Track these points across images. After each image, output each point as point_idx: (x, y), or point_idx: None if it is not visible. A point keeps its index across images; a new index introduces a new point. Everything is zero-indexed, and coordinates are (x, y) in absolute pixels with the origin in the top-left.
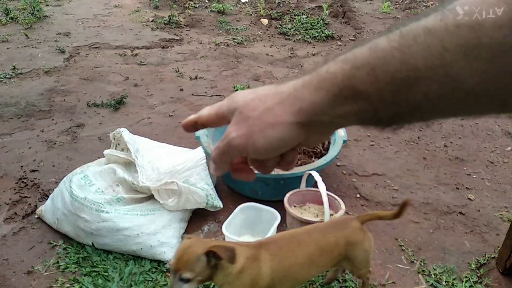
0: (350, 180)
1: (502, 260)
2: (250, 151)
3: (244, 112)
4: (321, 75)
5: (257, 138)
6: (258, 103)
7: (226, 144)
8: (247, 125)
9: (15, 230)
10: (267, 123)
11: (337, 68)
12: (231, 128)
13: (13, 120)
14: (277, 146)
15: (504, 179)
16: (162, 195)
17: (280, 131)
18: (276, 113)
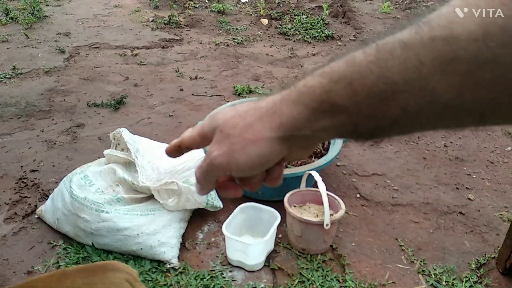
0: (350, 180)
1: (502, 260)
2: (233, 169)
3: (224, 130)
4: (299, 90)
5: (239, 155)
6: (238, 120)
7: (208, 164)
8: (228, 143)
9: (15, 230)
10: (248, 140)
11: (315, 82)
12: (213, 147)
13: (13, 120)
14: (259, 162)
15: (504, 179)
16: (162, 195)
17: (261, 147)
18: (256, 129)
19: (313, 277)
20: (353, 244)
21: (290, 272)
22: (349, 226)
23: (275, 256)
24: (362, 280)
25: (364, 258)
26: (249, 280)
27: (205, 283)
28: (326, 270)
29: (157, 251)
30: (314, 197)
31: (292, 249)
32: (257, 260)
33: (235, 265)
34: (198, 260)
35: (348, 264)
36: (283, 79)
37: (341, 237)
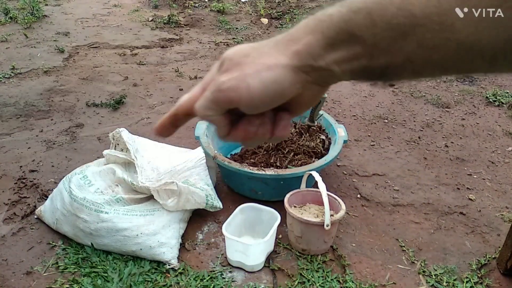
0: (350, 180)
1: (503, 260)
2: (244, 97)
3: (235, 59)
4: (317, 18)
5: (252, 80)
6: (250, 50)
7: (215, 91)
8: (239, 69)
9: (14, 231)
10: (263, 64)
11: (334, 10)
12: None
13: (12, 120)
14: (273, 91)
15: (505, 179)
16: (161, 195)
17: (276, 73)
18: (272, 55)
19: (313, 278)
20: (354, 245)
21: (290, 272)
22: (350, 226)
23: (275, 256)
24: (362, 281)
25: (365, 259)
26: (249, 281)
27: (205, 284)
28: (327, 270)
29: (156, 252)
30: (315, 198)
31: (292, 249)
32: (257, 261)
33: (235, 266)
34: (198, 261)
35: (348, 264)
36: None
37: (341, 238)
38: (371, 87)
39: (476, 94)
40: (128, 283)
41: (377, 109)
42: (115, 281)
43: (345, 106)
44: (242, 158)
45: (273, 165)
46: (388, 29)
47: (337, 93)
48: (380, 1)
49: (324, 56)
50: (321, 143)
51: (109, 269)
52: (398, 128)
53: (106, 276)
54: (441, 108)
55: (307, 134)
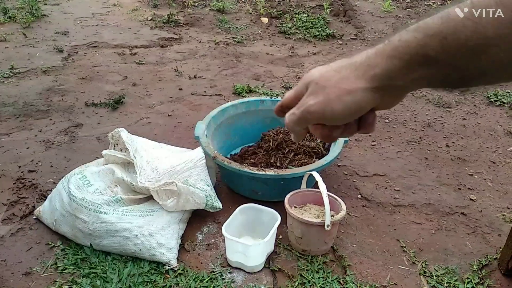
0: (351, 181)
1: (504, 261)
2: (328, 116)
3: (320, 83)
4: (394, 44)
5: (335, 104)
6: (332, 73)
7: (303, 111)
8: (324, 93)
9: (13, 231)
10: (344, 89)
11: (410, 37)
12: (308, 98)
13: (10, 120)
14: (353, 110)
15: (506, 180)
16: (161, 195)
17: (356, 96)
18: (352, 80)
19: (313, 279)
20: (354, 245)
21: (291, 273)
22: (350, 227)
23: (275, 257)
24: (363, 282)
25: (365, 260)
26: (249, 282)
27: (205, 285)
28: (327, 271)
29: (156, 252)
30: (315, 198)
31: (292, 250)
32: (257, 262)
33: (234, 267)
34: (198, 262)
35: (349, 265)
36: (284, 79)
37: (342, 238)
38: None
39: (477, 94)
40: (128, 284)
41: None
42: (114, 282)
43: None
44: (242, 158)
45: (273, 165)
46: (463, 50)
47: None
48: (454, 25)
49: (402, 77)
50: (322, 143)
51: (108, 269)
52: (399, 128)
53: (105, 277)
54: (442, 108)
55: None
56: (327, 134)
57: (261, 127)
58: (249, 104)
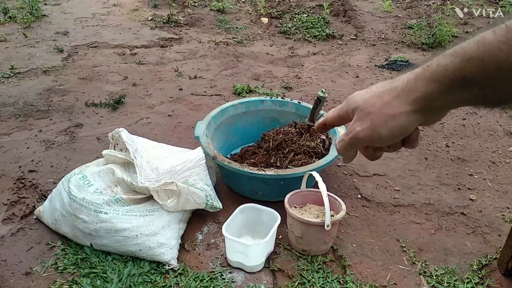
0: (351, 181)
1: (503, 261)
2: (376, 141)
3: (365, 109)
4: (433, 69)
5: (381, 129)
6: (376, 99)
7: (352, 137)
8: (370, 120)
9: (13, 231)
10: (388, 115)
11: (447, 61)
12: (355, 124)
13: (11, 120)
14: (399, 133)
15: (506, 180)
16: (161, 195)
17: (400, 120)
18: (394, 105)
19: (313, 279)
20: (354, 245)
21: (291, 273)
22: (350, 227)
23: (275, 257)
24: (363, 282)
25: (365, 259)
26: (249, 282)
27: (205, 285)
28: (327, 271)
29: (156, 252)
30: (315, 198)
31: (292, 250)
32: (257, 262)
33: (234, 267)
34: (198, 262)
35: (349, 265)
36: (283, 79)
37: (342, 238)
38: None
39: None
40: (128, 284)
41: None
42: (114, 282)
43: None
44: (242, 158)
45: (273, 165)
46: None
47: (337, 93)
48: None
49: (442, 99)
50: (322, 143)
51: (109, 269)
52: None
53: (105, 277)
54: None
55: (308, 134)
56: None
57: (261, 127)
58: (249, 104)
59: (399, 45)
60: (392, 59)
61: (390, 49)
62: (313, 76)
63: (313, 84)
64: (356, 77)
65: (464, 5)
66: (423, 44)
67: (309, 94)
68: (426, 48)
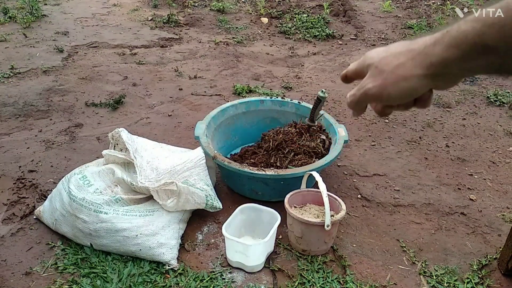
0: (351, 181)
1: (503, 261)
2: (384, 99)
3: (379, 67)
4: (452, 34)
5: (391, 89)
6: (391, 59)
7: (363, 93)
8: (382, 78)
9: (13, 231)
10: (400, 76)
11: (468, 27)
12: (368, 80)
13: (11, 120)
14: (408, 94)
15: (506, 179)
16: (161, 195)
17: (411, 83)
18: (408, 67)
19: (313, 279)
20: (354, 245)
21: (291, 273)
22: (350, 227)
23: (275, 257)
24: (363, 282)
25: (365, 259)
26: (249, 282)
27: (205, 285)
28: (327, 271)
29: (156, 252)
30: (315, 198)
31: (292, 250)
32: (257, 262)
33: (235, 267)
34: (198, 262)
35: (349, 265)
36: (283, 79)
37: (342, 238)
38: None
39: (477, 94)
40: (128, 284)
41: None
42: (114, 282)
43: (346, 106)
44: (242, 158)
45: (273, 165)
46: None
47: (337, 93)
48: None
49: (459, 66)
50: (322, 143)
51: (109, 269)
52: (399, 128)
53: (105, 277)
54: (442, 108)
55: (308, 134)
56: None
57: (261, 127)
58: (249, 104)
59: None
60: None
61: None
62: (313, 76)
63: (313, 84)
64: None
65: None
66: None
67: (309, 94)
68: None
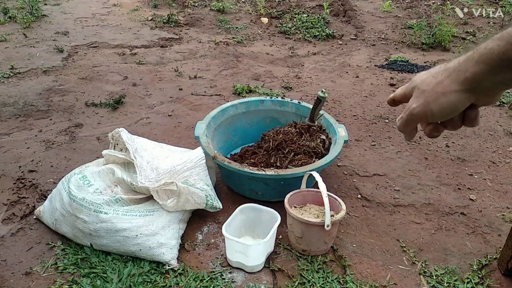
0: (351, 181)
1: (503, 261)
2: (429, 116)
3: (421, 88)
4: (480, 51)
5: (433, 105)
6: (431, 79)
7: (408, 114)
8: (424, 97)
9: (13, 231)
10: (439, 93)
11: (494, 45)
12: (412, 101)
13: (11, 120)
14: (449, 109)
15: (506, 179)
16: (161, 195)
17: (450, 98)
18: (445, 84)
19: (313, 279)
20: (354, 245)
21: (291, 273)
22: (350, 227)
23: (275, 257)
24: (363, 282)
25: (365, 259)
26: (249, 282)
27: (205, 285)
28: (327, 271)
29: (156, 252)
30: (315, 198)
31: (292, 250)
32: (257, 262)
33: (235, 267)
34: (198, 262)
35: (349, 265)
36: (283, 79)
37: (342, 238)
38: (371, 86)
39: None
40: (128, 284)
41: (378, 109)
42: (114, 282)
43: (346, 106)
44: (242, 158)
45: (273, 165)
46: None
47: (337, 93)
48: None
49: (489, 80)
50: (322, 143)
51: (109, 269)
52: None
53: (105, 277)
54: None
55: (308, 134)
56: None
57: (261, 127)
58: (249, 104)
59: (399, 45)
60: (392, 59)
61: (390, 49)
62: (313, 76)
63: (313, 84)
64: (356, 77)
65: (464, 5)
66: (423, 44)
67: (309, 94)
68: (426, 48)
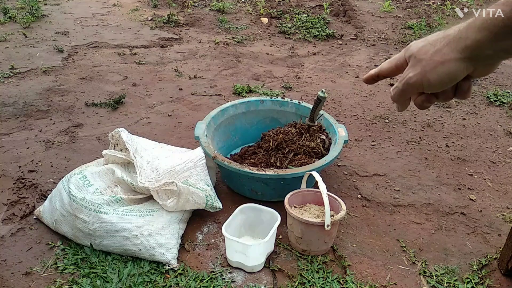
0: (351, 181)
1: (503, 261)
2: (425, 86)
3: (417, 56)
4: (483, 18)
5: (430, 75)
6: (428, 47)
7: (404, 83)
8: (421, 66)
9: (13, 231)
10: (438, 61)
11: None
12: (408, 71)
13: (11, 120)
14: (447, 79)
15: (506, 179)
16: (161, 195)
17: (449, 67)
18: (444, 52)
19: (313, 279)
20: (354, 245)
21: (291, 273)
22: (350, 227)
23: (275, 257)
24: (363, 282)
25: (365, 259)
26: (249, 282)
27: (205, 285)
28: (327, 271)
29: (156, 252)
30: (315, 198)
31: (292, 250)
32: (257, 261)
33: (234, 267)
34: (198, 262)
35: (349, 265)
36: (283, 79)
37: (342, 238)
38: (372, 86)
39: (477, 94)
40: (128, 284)
41: (378, 109)
42: (114, 282)
43: (346, 106)
44: (242, 158)
45: (273, 165)
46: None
47: (337, 93)
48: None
49: (491, 47)
50: (322, 143)
51: (109, 269)
52: (399, 128)
53: (105, 277)
54: (442, 108)
55: (308, 134)
56: (422, 102)
57: (261, 127)
58: (249, 104)
59: (399, 45)
60: None
61: (390, 49)
62: (313, 76)
63: (313, 84)
64: (356, 77)
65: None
66: None
67: (309, 94)
68: None
